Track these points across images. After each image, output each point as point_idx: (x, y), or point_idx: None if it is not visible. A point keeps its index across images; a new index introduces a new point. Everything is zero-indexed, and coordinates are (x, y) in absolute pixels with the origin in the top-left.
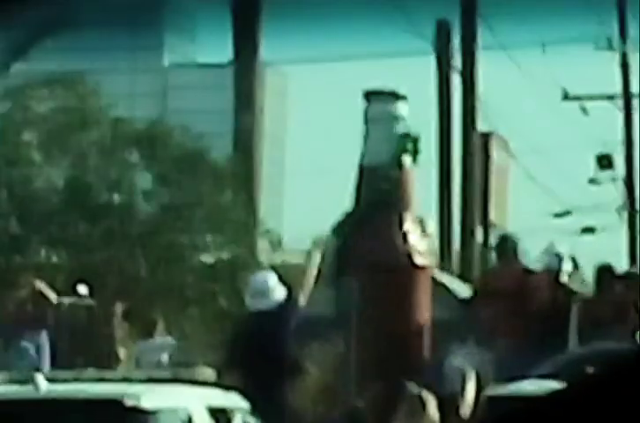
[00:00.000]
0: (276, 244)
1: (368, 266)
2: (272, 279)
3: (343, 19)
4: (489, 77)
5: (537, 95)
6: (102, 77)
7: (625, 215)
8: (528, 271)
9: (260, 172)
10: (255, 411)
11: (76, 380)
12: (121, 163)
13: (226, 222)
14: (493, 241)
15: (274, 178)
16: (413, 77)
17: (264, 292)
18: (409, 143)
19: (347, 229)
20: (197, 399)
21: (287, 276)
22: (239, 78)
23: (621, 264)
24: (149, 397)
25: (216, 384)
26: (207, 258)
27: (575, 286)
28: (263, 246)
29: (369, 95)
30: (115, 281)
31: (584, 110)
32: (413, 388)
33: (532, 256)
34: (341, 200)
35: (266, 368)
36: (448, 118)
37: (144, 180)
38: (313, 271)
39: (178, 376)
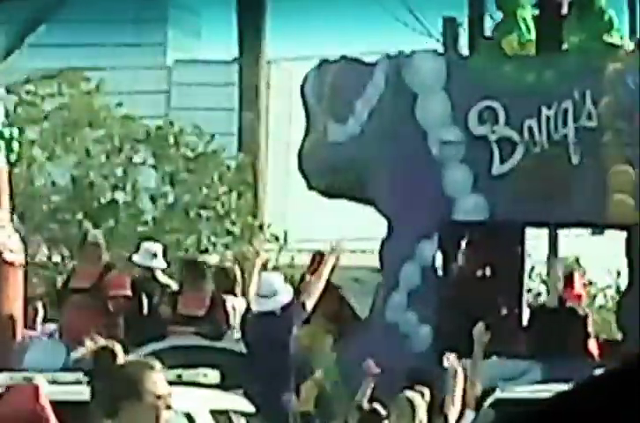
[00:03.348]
0: (281, 245)
1: None
2: (279, 281)
3: (349, 17)
4: None
5: None
6: (106, 74)
7: None
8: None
9: (265, 171)
10: (258, 414)
11: (78, 382)
12: (126, 162)
13: (230, 222)
14: None
15: (279, 176)
16: None
17: (270, 293)
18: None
19: None
20: (201, 402)
21: (293, 277)
22: (244, 76)
23: None
24: None
25: (220, 387)
26: (212, 259)
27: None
28: (268, 246)
29: None
30: None
31: None
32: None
33: None
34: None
35: (270, 371)
36: None
37: (149, 179)
38: (325, 275)
39: (181, 378)
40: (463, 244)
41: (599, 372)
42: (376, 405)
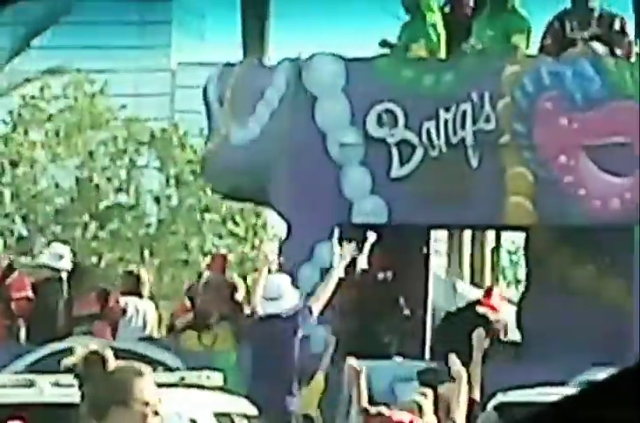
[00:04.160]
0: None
1: None
2: (286, 283)
3: (353, 20)
4: None
5: None
6: (110, 76)
7: None
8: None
9: None
10: (261, 416)
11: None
12: (130, 164)
13: (234, 225)
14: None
15: None
16: None
17: (276, 295)
18: None
19: None
20: (204, 405)
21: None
22: None
23: None
24: None
25: (223, 389)
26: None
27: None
28: (273, 248)
29: None
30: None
31: None
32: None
33: None
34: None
35: (275, 374)
36: None
37: (153, 181)
38: (335, 279)
39: (184, 381)
40: (366, 246)
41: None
42: (382, 408)
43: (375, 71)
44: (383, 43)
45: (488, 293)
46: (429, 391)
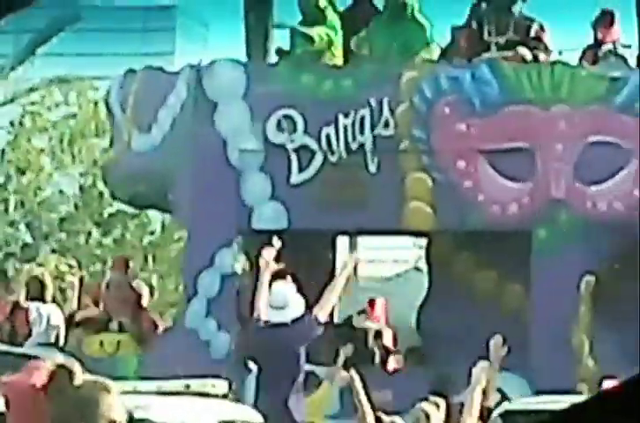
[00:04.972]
0: None
1: None
2: (291, 291)
3: None
4: None
5: None
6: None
7: None
8: None
9: None
10: None
11: None
12: None
13: None
14: None
15: None
16: None
17: (282, 304)
18: None
19: None
20: (209, 413)
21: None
22: None
23: None
24: (159, 409)
25: (228, 397)
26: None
27: None
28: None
29: None
30: None
31: None
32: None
33: None
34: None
35: (280, 382)
36: None
37: None
38: (340, 288)
39: (189, 389)
40: (271, 253)
41: None
42: (396, 418)
43: (275, 77)
44: (278, 51)
45: (371, 304)
46: (441, 401)
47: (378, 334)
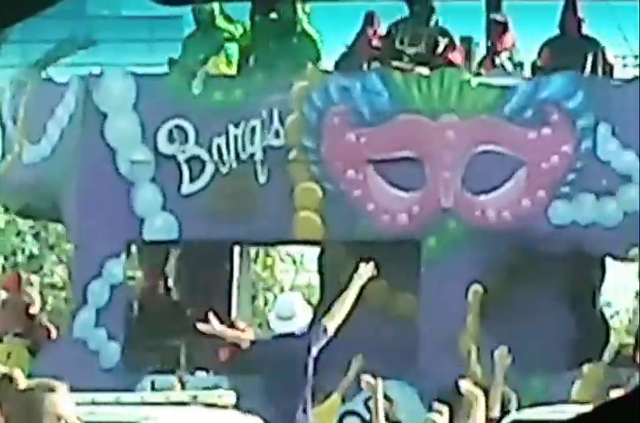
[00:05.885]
0: (298, 265)
1: None
2: (299, 301)
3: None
4: None
5: None
6: None
7: None
8: None
9: None
10: None
11: (93, 403)
12: None
13: None
14: None
15: None
16: None
17: (290, 314)
18: None
19: None
20: None
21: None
22: None
23: None
24: (167, 420)
25: (236, 408)
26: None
27: None
28: (283, 267)
29: None
30: None
31: None
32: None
33: None
34: None
35: (288, 392)
36: None
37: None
38: (351, 299)
39: (196, 399)
40: (169, 263)
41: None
42: None
43: (166, 87)
44: (169, 61)
45: None
46: (445, 409)
47: None
